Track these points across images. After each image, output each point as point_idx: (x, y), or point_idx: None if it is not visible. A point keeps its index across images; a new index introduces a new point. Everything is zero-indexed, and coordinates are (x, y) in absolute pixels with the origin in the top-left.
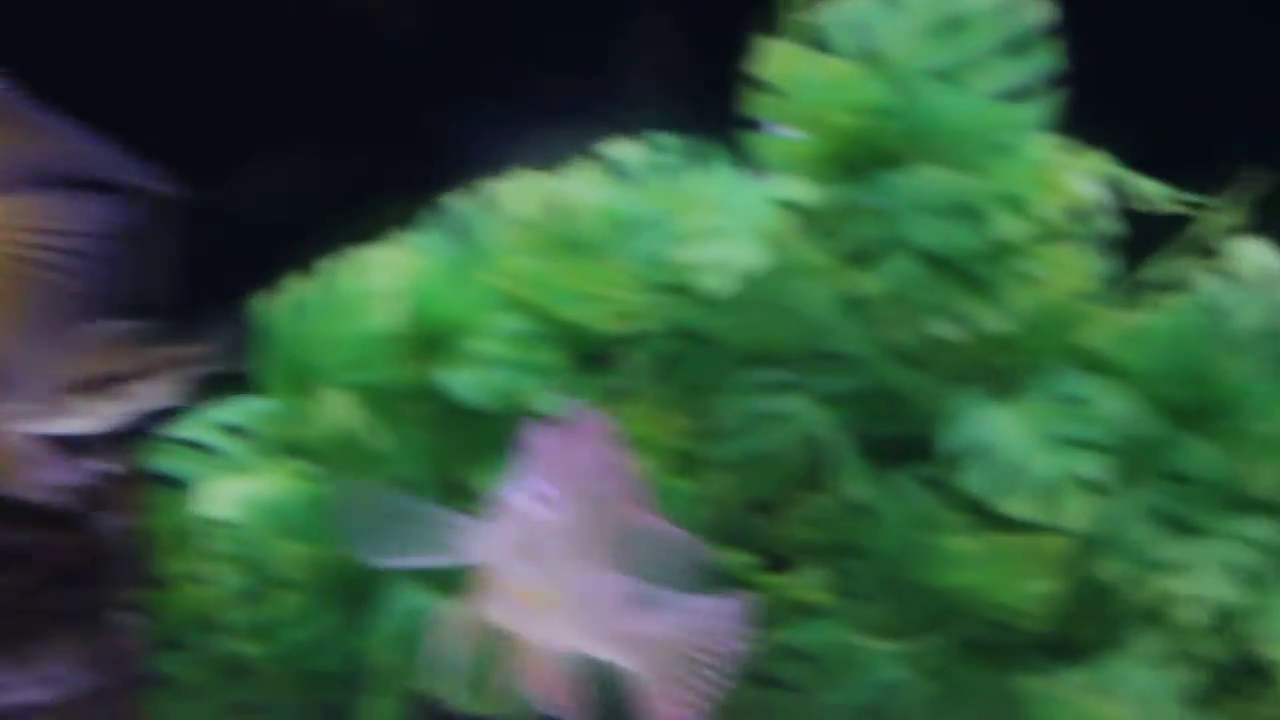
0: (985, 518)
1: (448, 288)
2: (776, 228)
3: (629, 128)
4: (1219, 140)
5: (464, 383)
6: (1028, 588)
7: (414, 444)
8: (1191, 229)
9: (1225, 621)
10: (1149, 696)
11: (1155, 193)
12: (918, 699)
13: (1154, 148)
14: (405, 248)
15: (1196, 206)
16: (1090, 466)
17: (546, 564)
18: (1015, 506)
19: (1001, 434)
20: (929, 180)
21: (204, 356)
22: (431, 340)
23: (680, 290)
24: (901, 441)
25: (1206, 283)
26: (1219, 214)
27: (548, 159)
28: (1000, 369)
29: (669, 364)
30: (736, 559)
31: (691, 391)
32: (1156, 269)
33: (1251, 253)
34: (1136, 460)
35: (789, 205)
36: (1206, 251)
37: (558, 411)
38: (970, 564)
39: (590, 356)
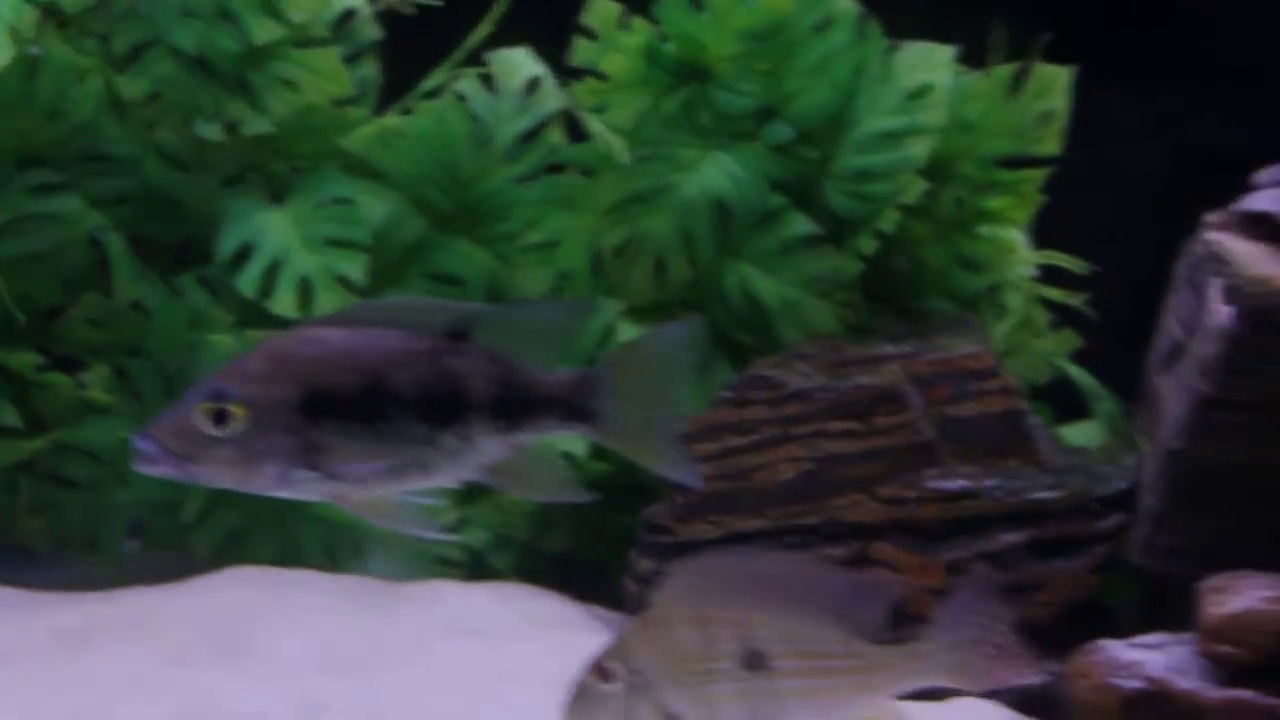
0: (254, 316)
1: None
2: (29, 25)
3: None
4: None
5: None
6: None
7: None
8: (464, 40)
9: None
10: None
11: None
12: (204, 497)
13: None
14: None
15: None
16: (351, 266)
17: None
18: (279, 304)
19: (269, 235)
20: None
21: None
22: None
23: None
24: (179, 244)
25: (471, 90)
26: (487, 27)
27: None
28: (268, 172)
29: None
30: (21, 359)
31: None
32: (429, 77)
33: (516, 62)
34: (399, 260)
35: (39, 5)
36: (476, 61)
37: None
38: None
39: None
